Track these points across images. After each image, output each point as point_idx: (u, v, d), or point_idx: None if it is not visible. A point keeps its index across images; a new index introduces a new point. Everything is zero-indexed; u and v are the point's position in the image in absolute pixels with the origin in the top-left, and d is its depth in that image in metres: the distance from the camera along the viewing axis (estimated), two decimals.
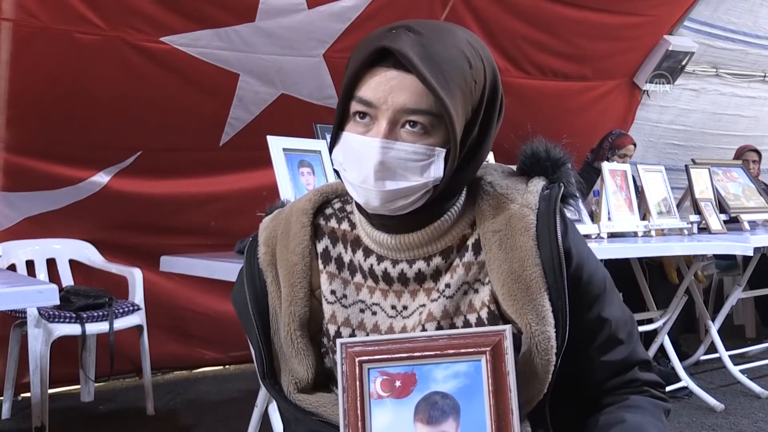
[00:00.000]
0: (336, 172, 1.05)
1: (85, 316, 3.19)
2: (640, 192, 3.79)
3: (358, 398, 0.94)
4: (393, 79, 0.97)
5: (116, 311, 3.30)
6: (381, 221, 1.05)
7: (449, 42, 0.99)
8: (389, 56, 0.97)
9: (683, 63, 5.15)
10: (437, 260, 1.05)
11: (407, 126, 0.97)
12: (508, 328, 0.95)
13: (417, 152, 0.97)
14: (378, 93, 0.97)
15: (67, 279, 3.61)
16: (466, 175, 1.05)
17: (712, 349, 4.10)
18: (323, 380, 1.10)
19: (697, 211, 3.95)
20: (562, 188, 1.07)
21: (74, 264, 3.65)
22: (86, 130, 3.45)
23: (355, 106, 1.00)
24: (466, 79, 0.98)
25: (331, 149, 1.05)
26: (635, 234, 3.64)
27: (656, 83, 5.17)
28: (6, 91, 3.18)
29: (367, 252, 1.08)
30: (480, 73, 1.01)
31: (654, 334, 3.86)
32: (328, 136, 2.75)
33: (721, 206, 4.13)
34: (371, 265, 1.07)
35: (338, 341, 0.97)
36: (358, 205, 1.09)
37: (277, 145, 2.56)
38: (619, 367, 1.09)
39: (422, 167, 0.98)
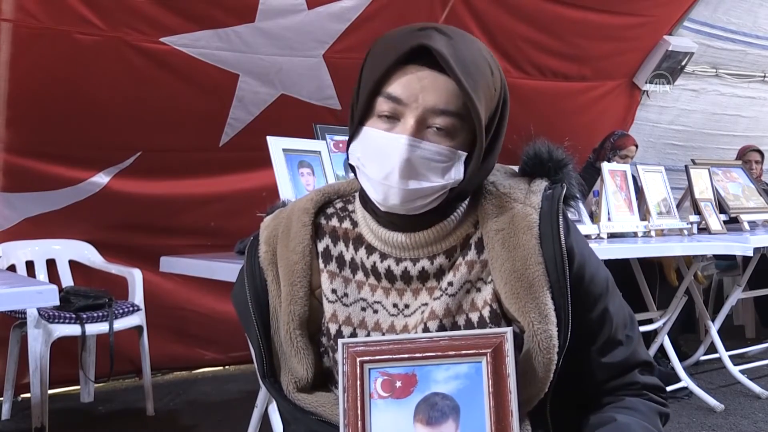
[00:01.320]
0: (351, 167, 1.05)
1: (84, 316, 3.19)
2: (639, 192, 3.78)
3: (359, 398, 0.95)
4: (425, 78, 0.98)
5: (116, 312, 3.30)
6: (389, 219, 1.06)
7: (474, 47, 1.01)
8: (421, 55, 0.98)
9: (683, 63, 5.15)
10: (441, 259, 1.06)
11: (433, 128, 0.98)
12: (509, 330, 0.95)
13: (441, 153, 0.99)
14: (408, 90, 0.98)
15: (66, 279, 3.60)
16: (477, 179, 1.06)
17: (712, 349, 4.10)
18: (322, 380, 1.10)
19: (697, 211, 3.95)
20: (565, 188, 1.08)
21: (74, 264, 3.64)
22: (86, 130, 3.44)
23: (381, 103, 1.00)
24: (488, 84, 1.00)
25: (348, 144, 1.05)
26: (635, 234, 3.64)
27: (656, 83, 5.17)
28: (6, 91, 3.18)
29: (370, 250, 1.08)
30: (498, 81, 1.03)
31: (654, 334, 3.86)
32: (329, 137, 2.76)
33: (721, 206, 4.13)
34: (374, 263, 1.07)
35: (340, 341, 0.98)
36: (363, 202, 1.09)
37: (276, 145, 2.56)
38: (618, 369, 1.09)
39: (444, 168, 0.99)
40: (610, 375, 1.09)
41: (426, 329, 1.03)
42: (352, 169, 1.05)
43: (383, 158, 0.99)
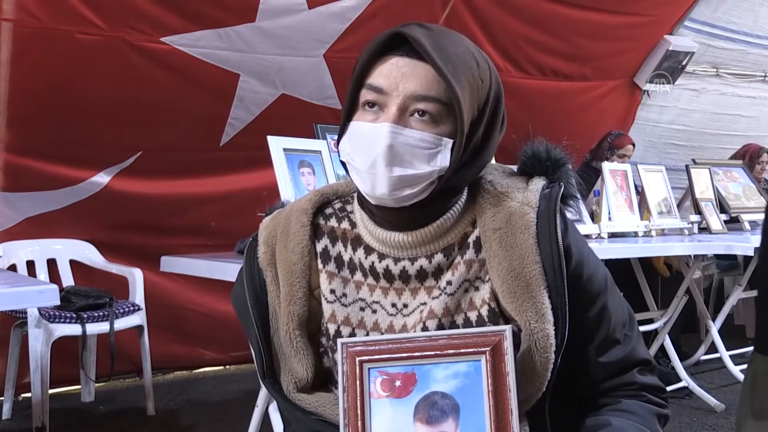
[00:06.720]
0: (343, 164, 1.06)
1: (85, 316, 3.19)
2: (640, 192, 3.79)
3: (359, 398, 0.95)
4: (404, 66, 0.99)
5: (117, 311, 3.30)
6: (384, 217, 1.06)
7: (457, 40, 1.03)
8: (400, 46, 0.99)
9: (683, 63, 5.15)
10: (439, 258, 1.05)
11: (416, 115, 0.99)
12: (508, 328, 0.95)
13: (425, 140, 0.99)
14: (389, 79, 0.99)
15: (67, 279, 3.60)
16: (469, 173, 1.05)
17: (713, 348, 4.10)
18: (322, 380, 1.10)
19: (698, 210, 3.95)
20: (563, 187, 1.08)
21: (75, 264, 3.64)
22: (87, 130, 3.44)
23: (365, 95, 1.01)
24: (473, 74, 1.01)
25: (338, 142, 1.06)
26: (636, 234, 3.64)
27: (656, 83, 5.18)
28: (6, 91, 3.18)
29: (368, 250, 1.08)
30: (486, 74, 1.03)
31: (654, 334, 3.86)
32: (329, 137, 2.76)
33: (722, 206, 4.13)
34: (372, 263, 1.07)
35: (339, 341, 0.98)
36: (360, 202, 1.09)
37: (277, 145, 2.56)
38: (615, 369, 1.09)
39: (429, 155, 0.99)
40: (607, 374, 1.09)
41: (425, 328, 1.03)
42: (345, 166, 1.06)
43: (368, 148, 1.00)
